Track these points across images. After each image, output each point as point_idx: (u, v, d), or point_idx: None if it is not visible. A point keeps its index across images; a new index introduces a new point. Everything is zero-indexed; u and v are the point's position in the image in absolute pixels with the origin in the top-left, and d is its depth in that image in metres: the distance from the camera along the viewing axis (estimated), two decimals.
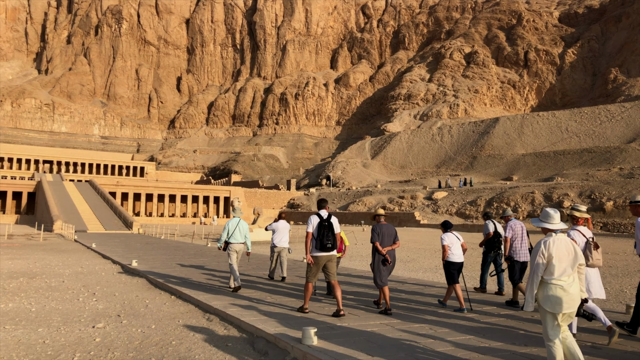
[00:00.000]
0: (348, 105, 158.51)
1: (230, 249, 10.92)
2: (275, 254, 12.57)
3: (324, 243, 8.10)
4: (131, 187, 71.56)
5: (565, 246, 5.00)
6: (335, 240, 8.23)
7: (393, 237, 8.78)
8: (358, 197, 73.82)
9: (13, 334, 7.15)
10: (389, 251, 8.68)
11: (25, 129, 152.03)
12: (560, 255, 4.95)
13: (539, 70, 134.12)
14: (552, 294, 4.86)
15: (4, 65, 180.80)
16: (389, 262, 8.59)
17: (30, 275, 13.83)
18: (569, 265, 4.95)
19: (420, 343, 6.41)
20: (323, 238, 8.11)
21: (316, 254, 8.21)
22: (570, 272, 4.95)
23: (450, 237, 9.07)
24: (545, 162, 79.14)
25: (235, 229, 10.96)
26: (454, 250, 8.99)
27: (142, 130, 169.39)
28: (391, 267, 8.75)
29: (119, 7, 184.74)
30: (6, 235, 34.24)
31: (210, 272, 14.22)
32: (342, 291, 9.95)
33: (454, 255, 8.98)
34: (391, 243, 8.75)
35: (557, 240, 5.02)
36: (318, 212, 8.40)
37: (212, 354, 6.26)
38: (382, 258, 8.60)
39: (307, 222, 8.46)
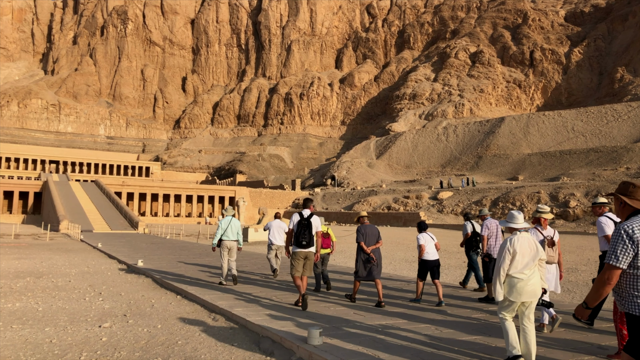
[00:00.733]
0: (353, 105, 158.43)
1: (222, 246, 11.76)
2: (272, 250, 13.25)
3: (299, 240, 8.80)
4: (137, 187, 71.80)
5: (528, 243, 5.63)
6: (312, 238, 8.86)
7: (376, 237, 9.46)
8: (363, 197, 73.76)
9: (20, 334, 7.19)
10: (374, 250, 9.32)
11: (31, 129, 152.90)
12: (523, 251, 5.58)
13: (544, 70, 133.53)
14: (515, 285, 5.50)
15: (10, 66, 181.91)
16: (374, 260, 9.21)
17: (37, 274, 13.91)
18: (531, 259, 5.59)
19: (427, 343, 6.40)
20: (299, 235, 8.82)
21: (294, 250, 8.91)
22: (532, 266, 5.59)
23: (425, 237, 9.70)
24: (551, 161, 78.79)
25: (227, 227, 11.87)
26: (428, 250, 9.62)
27: (147, 130, 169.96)
28: (378, 264, 9.32)
29: (125, 7, 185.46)
30: (13, 235, 34.44)
31: (215, 271, 14.24)
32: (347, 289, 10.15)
33: (429, 254, 9.61)
34: (374, 242, 9.38)
35: (521, 238, 5.64)
36: (300, 212, 9.04)
37: (217, 354, 6.27)
38: (366, 257, 9.24)
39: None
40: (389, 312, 8.48)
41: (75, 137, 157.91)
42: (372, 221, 60.09)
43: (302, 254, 8.88)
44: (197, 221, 71.47)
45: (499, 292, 5.55)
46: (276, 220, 13.47)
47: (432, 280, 9.66)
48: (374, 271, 9.30)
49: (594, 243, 28.41)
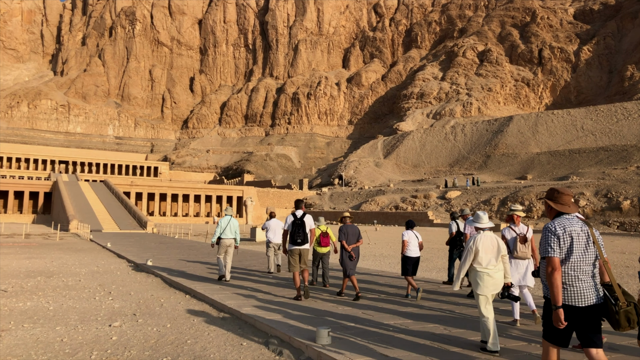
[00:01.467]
0: (360, 104, 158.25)
1: (220, 244, 12.39)
2: (270, 248, 13.93)
3: (295, 238, 9.57)
4: (145, 187, 72.17)
5: (490, 241, 6.24)
6: (306, 236, 9.62)
7: (357, 236, 10.20)
8: (370, 196, 73.68)
9: (31, 332, 7.26)
10: (354, 248, 10.08)
11: (41, 129, 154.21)
12: (486, 248, 6.18)
13: (553, 68, 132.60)
14: (481, 279, 6.13)
15: (20, 67, 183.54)
16: (354, 257, 9.98)
17: (47, 274, 14.03)
18: (493, 256, 6.19)
19: (436, 343, 6.39)
20: (294, 234, 9.58)
21: (290, 247, 9.66)
22: (495, 262, 6.19)
23: (409, 235, 10.16)
24: (560, 160, 78.27)
25: (226, 226, 12.49)
26: (411, 247, 10.09)
27: (155, 130, 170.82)
28: (356, 260, 10.09)
29: (133, 8, 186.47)
30: (23, 234, 34.75)
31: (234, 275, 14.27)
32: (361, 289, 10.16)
33: (411, 250, 10.08)
34: (355, 241, 10.14)
35: (484, 237, 6.24)
36: (294, 212, 9.75)
37: (226, 353, 6.29)
38: (347, 254, 9.97)
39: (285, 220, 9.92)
40: (398, 312, 8.47)
41: (84, 138, 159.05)
42: (380, 221, 60.08)
43: (297, 250, 9.61)
44: (205, 221, 71.75)
45: (456, 284, 6.28)
46: (273, 220, 14.04)
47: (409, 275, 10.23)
48: (353, 267, 10.04)
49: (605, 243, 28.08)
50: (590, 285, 4.11)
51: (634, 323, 3.99)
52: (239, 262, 17.10)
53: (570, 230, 4.17)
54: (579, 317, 4.05)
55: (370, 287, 11.43)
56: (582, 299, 4.07)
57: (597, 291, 4.12)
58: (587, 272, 4.13)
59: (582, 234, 4.19)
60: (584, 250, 4.15)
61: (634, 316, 3.99)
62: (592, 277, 4.16)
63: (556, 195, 4.40)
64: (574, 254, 4.14)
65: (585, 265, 4.13)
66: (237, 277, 13.09)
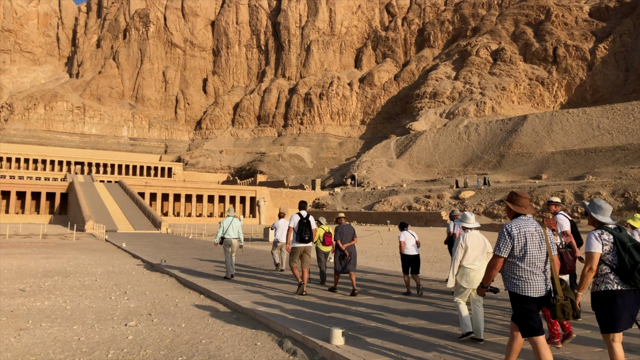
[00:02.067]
0: (373, 104, 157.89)
1: (225, 243, 12.95)
2: (277, 248, 14.57)
3: (303, 236, 10.16)
4: (159, 187, 72.77)
5: (477, 239, 6.79)
6: (312, 234, 10.31)
7: (351, 235, 10.69)
8: (383, 196, 73.47)
9: (49, 331, 7.37)
10: (349, 247, 10.56)
11: (57, 131, 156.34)
12: (473, 245, 6.70)
13: (568, 67, 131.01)
14: (467, 275, 6.64)
15: (37, 70, 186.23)
16: (348, 256, 10.43)
17: (64, 274, 14.22)
18: (480, 253, 6.70)
19: (450, 344, 6.36)
20: (302, 232, 10.17)
21: (295, 245, 10.29)
22: (481, 258, 6.69)
23: (405, 235, 10.65)
24: (575, 160, 77.32)
25: (229, 226, 13.07)
26: (408, 246, 10.59)
27: (169, 131, 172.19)
28: (353, 259, 10.56)
29: (146, 10, 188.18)
30: (41, 235, 35.26)
31: (238, 272, 14.36)
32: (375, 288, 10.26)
33: (408, 249, 10.58)
34: (350, 240, 10.61)
35: (472, 235, 6.78)
36: (299, 212, 10.37)
37: (241, 353, 6.33)
38: (341, 253, 10.46)
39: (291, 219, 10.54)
40: (412, 312, 8.45)
41: (100, 139, 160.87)
42: (393, 221, 59.93)
43: (301, 248, 10.26)
44: (218, 221, 72.11)
45: (450, 281, 6.73)
46: (282, 220, 14.41)
47: (412, 275, 10.69)
48: (348, 265, 10.49)
49: None
50: (542, 279, 4.64)
51: (568, 315, 4.54)
52: (252, 262, 17.19)
53: (525, 230, 4.66)
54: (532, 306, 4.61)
55: (383, 287, 11.43)
56: (535, 291, 4.60)
57: (546, 285, 4.66)
58: (540, 267, 4.65)
59: (536, 234, 4.68)
60: (538, 248, 4.65)
61: (569, 309, 4.53)
62: (544, 272, 4.67)
63: (515, 198, 4.86)
64: (529, 252, 4.63)
65: (539, 262, 4.64)
66: (251, 276, 13.17)
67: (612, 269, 4.57)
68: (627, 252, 4.52)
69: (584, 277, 4.62)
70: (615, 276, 4.54)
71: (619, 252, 4.55)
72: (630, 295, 4.51)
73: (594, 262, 4.59)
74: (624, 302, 4.49)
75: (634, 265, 4.45)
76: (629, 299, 4.50)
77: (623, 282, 4.52)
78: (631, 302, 4.51)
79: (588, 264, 4.60)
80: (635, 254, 4.50)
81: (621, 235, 4.61)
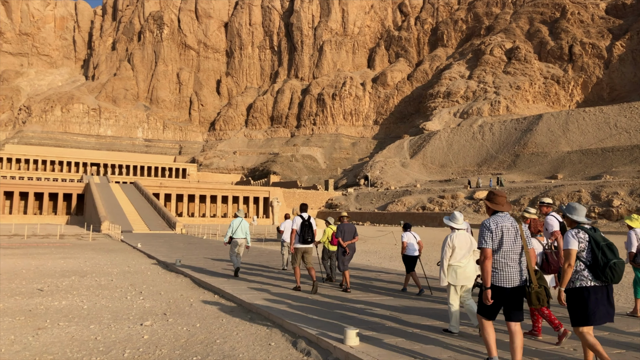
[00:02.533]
0: (386, 104, 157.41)
1: (233, 243, 13.49)
2: (285, 248, 15.25)
3: (305, 238, 10.62)
4: (174, 188, 73.34)
5: (464, 238, 7.14)
6: (313, 235, 10.76)
7: (353, 233, 11.32)
8: (397, 197, 73.20)
9: (67, 331, 7.47)
10: (349, 244, 11.27)
11: (74, 133, 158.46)
12: (460, 244, 7.06)
13: (584, 65, 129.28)
14: (455, 272, 6.99)
15: (54, 73, 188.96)
16: (348, 253, 11.15)
17: (81, 274, 14.41)
18: (467, 251, 7.05)
19: (465, 345, 6.32)
20: (304, 234, 10.62)
21: (297, 246, 10.76)
22: (468, 256, 7.03)
23: (408, 236, 11.02)
24: (592, 159, 76.28)
25: (238, 227, 13.58)
26: (411, 247, 11.00)
27: (183, 132, 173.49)
28: (350, 256, 11.28)
29: (161, 13, 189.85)
30: (58, 235, 35.74)
31: (251, 271, 14.42)
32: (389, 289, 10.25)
33: (410, 250, 11.00)
34: (351, 238, 11.28)
35: (459, 235, 7.16)
36: (301, 215, 10.84)
37: (255, 353, 6.36)
38: (342, 250, 11.07)
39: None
40: (427, 313, 8.41)
41: (115, 140, 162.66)
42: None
43: (303, 249, 10.78)
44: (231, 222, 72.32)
45: (443, 279, 7.10)
46: (288, 221, 15.10)
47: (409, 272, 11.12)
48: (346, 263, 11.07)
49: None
50: (516, 270, 5.09)
51: (543, 302, 5.03)
52: (266, 262, 17.26)
53: (501, 225, 5.14)
54: (506, 296, 5.05)
55: (397, 287, 11.39)
56: (509, 281, 5.05)
57: (521, 275, 5.10)
58: (515, 259, 5.10)
59: (512, 229, 5.16)
60: (513, 242, 5.13)
61: (543, 297, 5.03)
62: (519, 263, 5.12)
63: (492, 197, 5.32)
64: (504, 245, 5.10)
65: (513, 254, 5.11)
66: (264, 275, 13.23)
67: (586, 266, 4.98)
68: (600, 250, 4.93)
69: (564, 272, 4.98)
70: (589, 273, 4.96)
71: (593, 250, 4.96)
72: (603, 290, 4.93)
73: (572, 259, 4.96)
74: (597, 297, 4.90)
75: (606, 263, 4.86)
76: (601, 295, 4.92)
77: (595, 279, 4.93)
78: (604, 297, 4.91)
79: (567, 260, 4.97)
80: (608, 252, 4.91)
81: (595, 235, 5.04)
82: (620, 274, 4.87)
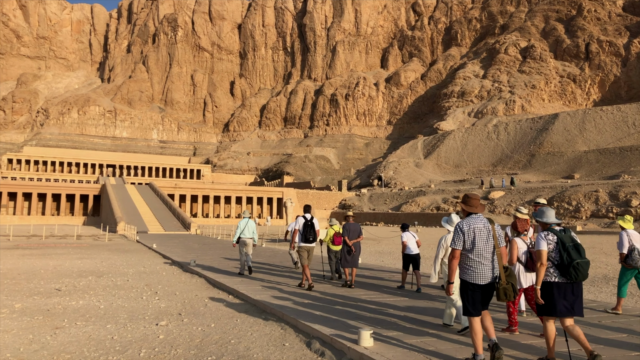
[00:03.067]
0: (399, 104, 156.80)
1: (241, 242, 14.02)
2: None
3: (307, 237, 11.20)
4: (188, 189, 73.89)
5: None
6: (315, 235, 11.31)
7: (358, 233, 11.69)
8: (411, 197, 72.88)
9: (84, 330, 7.57)
10: (355, 243, 11.55)
11: (90, 135, 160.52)
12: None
13: (601, 63, 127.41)
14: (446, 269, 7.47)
15: (70, 75, 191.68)
16: (354, 251, 11.44)
17: (97, 274, 14.58)
18: None
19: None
20: (306, 233, 11.20)
21: (300, 245, 11.29)
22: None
23: (407, 235, 11.60)
24: (610, 159, 75.13)
25: (245, 227, 14.17)
26: (410, 246, 11.54)
27: (198, 134, 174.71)
28: (357, 254, 11.55)
29: (175, 15, 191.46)
30: (75, 236, 36.24)
31: (266, 271, 14.47)
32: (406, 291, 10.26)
33: (410, 249, 11.54)
34: (356, 237, 11.62)
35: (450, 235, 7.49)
36: (304, 215, 11.34)
37: (269, 353, 6.38)
38: (347, 248, 11.43)
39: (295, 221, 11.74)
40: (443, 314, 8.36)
41: (130, 142, 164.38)
42: (421, 222, 59.45)
43: (307, 247, 11.30)
44: None
45: (433, 276, 7.63)
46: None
47: (413, 270, 11.57)
48: (350, 261, 11.41)
49: None
50: (489, 268, 5.53)
51: (510, 297, 5.44)
52: (280, 262, 17.30)
53: (474, 227, 5.55)
54: (482, 291, 5.53)
55: (411, 288, 11.35)
56: (482, 278, 5.50)
57: (493, 273, 5.56)
58: (488, 258, 5.54)
59: (484, 230, 5.58)
60: (485, 242, 5.55)
61: (510, 292, 5.44)
62: (492, 262, 5.56)
63: (467, 200, 5.74)
64: (477, 244, 5.52)
65: (486, 253, 5.54)
66: (279, 275, 13.26)
67: (553, 264, 5.47)
68: (566, 251, 5.40)
69: (538, 272, 5.49)
70: (555, 270, 5.46)
71: (559, 251, 5.42)
72: (567, 287, 5.42)
73: (543, 258, 5.46)
74: (560, 291, 5.41)
75: (570, 262, 5.34)
76: (564, 290, 5.41)
77: (561, 276, 5.42)
78: (568, 293, 5.40)
79: (538, 260, 5.48)
80: (573, 253, 5.37)
81: (563, 237, 5.49)
82: (584, 272, 5.32)
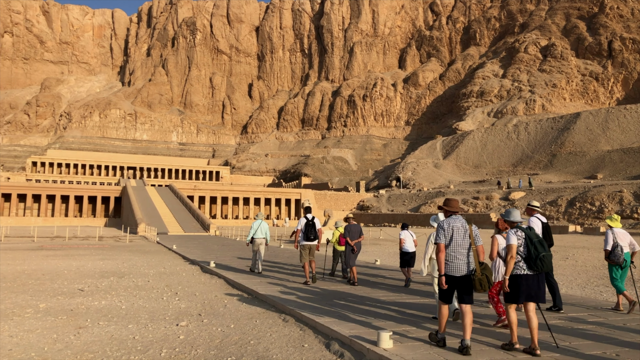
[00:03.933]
0: (417, 104, 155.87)
1: (254, 243, 14.75)
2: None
3: (308, 236, 12.07)
4: (207, 190, 74.51)
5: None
6: (317, 234, 12.14)
7: (358, 233, 12.47)
8: (430, 198, 72.35)
9: (106, 330, 7.68)
10: (356, 243, 12.34)
11: (111, 137, 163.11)
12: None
13: (625, 60, 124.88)
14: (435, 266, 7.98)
15: (92, 79, 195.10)
16: (355, 251, 12.22)
17: (119, 274, 14.79)
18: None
19: (494, 350, 6.19)
20: (308, 233, 12.07)
21: (302, 243, 12.09)
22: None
23: (405, 234, 12.28)
24: (634, 158, 73.54)
25: (257, 228, 14.85)
26: (407, 244, 12.17)
27: (216, 136, 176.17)
28: (357, 253, 12.30)
29: (193, 18, 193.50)
30: (97, 237, 36.82)
31: (284, 272, 14.50)
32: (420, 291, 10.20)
33: (406, 247, 12.17)
34: (357, 237, 12.41)
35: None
36: (306, 216, 12.20)
37: (289, 354, 6.39)
38: (350, 248, 12.20)
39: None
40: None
41: (150, 144, 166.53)
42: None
43: (308, 246, 12.09)
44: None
45: (422, 270, 8.43)
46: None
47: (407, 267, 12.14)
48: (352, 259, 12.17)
49: None
50: (464, 262, 6.18)
51: (485, 287, 6.04)
52: (298, 262, 17.30)
53: (453, 225, 6.29)
54: (457, 283, 6.17)
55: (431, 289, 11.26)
56: (458, 271, 6.16)
57: (468, 266, 6.19)
58: (463, 253, 6.21)
59: (461, 228, 6.28)
60: (462, 239, 6.25)
61: (485, 283, 6.04)
62: (467, 257, 6.21)
63: (447, 202, 6.49)
64: (454, 241, 6.24)
65: (462, 249, 6.23)
66: (297, 275, 13.26)
67: (522, 258, 6.18)
68: (533, 245, 6.14)
69: (507, 263, 6.12)
70: (524, 263, 6.17)
71: (527, 246, 6.15)
72: (534, 278, 6.15)
73: (513, 251, 6.13)
74: (527, 283, 6.13)
75: (537, 255, 6.08)
76: (531, 281, 6.13)
77: (529, 269, 6.15)
78: (534, 283, 6.12)
79: (509, 253, 6.13)
80: (539, 247, 6.12)
81: (530, 233, 6.25)
82: (548, 264, 6.08)
